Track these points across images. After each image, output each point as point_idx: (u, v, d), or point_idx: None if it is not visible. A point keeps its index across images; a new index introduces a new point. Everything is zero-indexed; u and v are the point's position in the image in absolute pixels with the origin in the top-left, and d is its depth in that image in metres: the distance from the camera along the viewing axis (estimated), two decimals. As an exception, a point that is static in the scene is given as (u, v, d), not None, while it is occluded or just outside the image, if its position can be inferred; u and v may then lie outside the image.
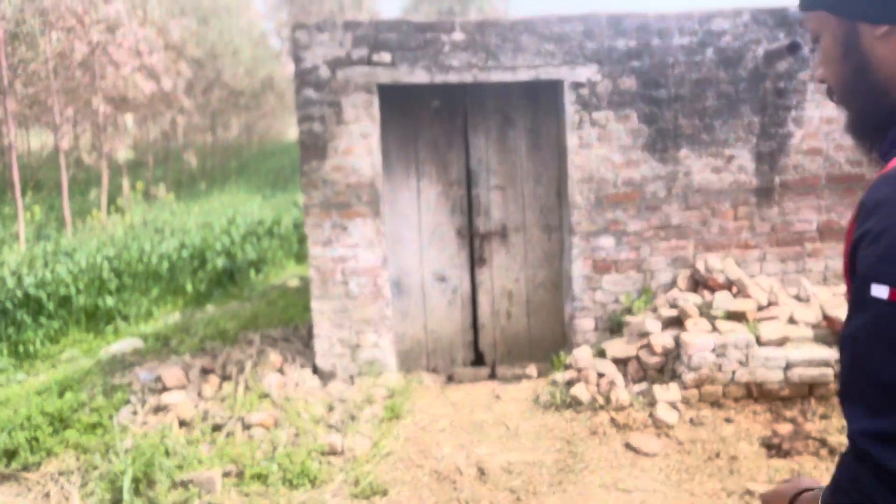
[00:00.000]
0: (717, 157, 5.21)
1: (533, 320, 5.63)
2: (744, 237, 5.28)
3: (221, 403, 4.89)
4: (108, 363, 5.99)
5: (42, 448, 4.50)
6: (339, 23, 4.98)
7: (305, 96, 4.99)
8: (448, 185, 5.53)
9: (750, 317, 4.70)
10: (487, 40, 5.02)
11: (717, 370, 4.50)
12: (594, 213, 5.19)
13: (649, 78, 5.13)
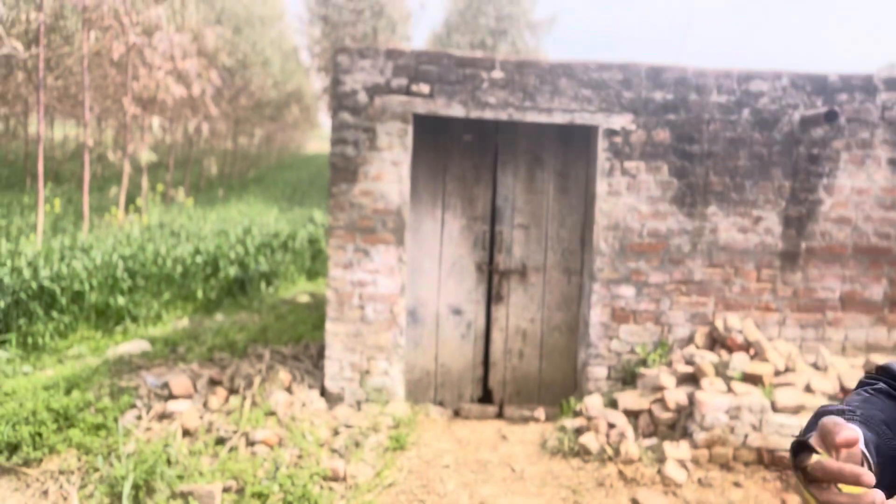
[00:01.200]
0: (744, 217, 5.21)
1: (545, 362, 5.59)
2: (765, 299, 5.25)
3: (227, 417, 4.86)
4: (116, 363, 5.97)
5: (45, 444, 4.47)
6: (381, 50, 5.03)
7: (341, 120, 5.02)
8: (472, 220, 5.54)
9: (766, 381, 4.65)
10: (526, 81, 5.05)
11: (730, 432, 4.45)
12: (617, 261, 5.18)
13: (684, 132, 5.14)
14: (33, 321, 6.79)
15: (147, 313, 7.75)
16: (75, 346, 6.81)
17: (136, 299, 7.77)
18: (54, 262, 7.51)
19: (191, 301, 8.54)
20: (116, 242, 8.86)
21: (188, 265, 8.78)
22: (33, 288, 6.88)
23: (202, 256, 9.13)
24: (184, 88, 12.29)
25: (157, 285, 8.25)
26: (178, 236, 10.12)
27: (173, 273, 8.50)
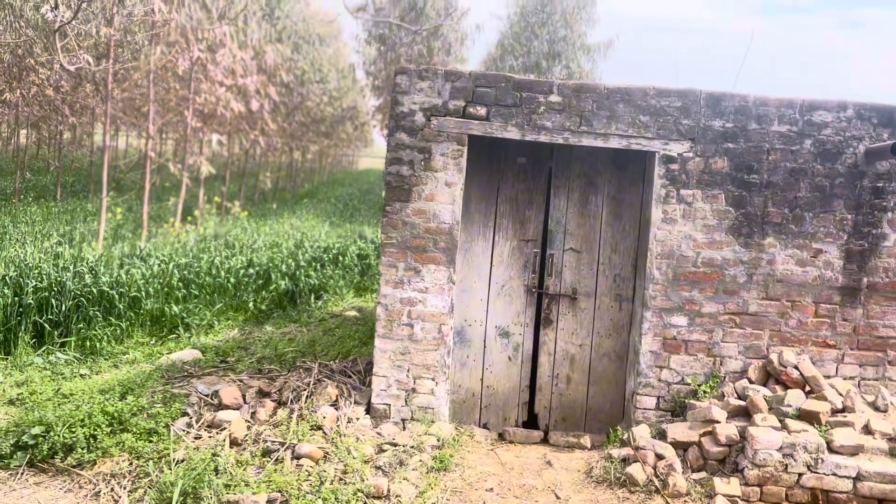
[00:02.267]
0: (803, 250, 5.08)
1: (592, 389, 5.53)
2: (822, 335, 5.10)
3: (274, 429, 4.92)
4: (168, 370, 6.11)
5: (98, 447, 4.59)
6: (439, 72, 5.08)
7: (398, 140, 5.09)
8: (523, 242, 5.53)
9: (822, 419, 4.51)
10: (583, 105, 5.04)
11: (783, 470, 4.32)
12: (670, 289, 5.10)
13: (742, 161, 5.06)
14: (92, 325, 7.01)
15: (199, 322, 7.92)
16: (130, 351, 6.99)
17: (189, 308, 7.96)
18: (114, 268, 7.76)
19: (242, 311, 8.70)
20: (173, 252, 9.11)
21: (241, 276, 8.96)
22: (93, 293, 7.11)
23: (254, 268, 9.31)
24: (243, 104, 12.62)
25: (210, 295, 8.44)
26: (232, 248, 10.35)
27: (226, 283, 8.68)
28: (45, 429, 4.67)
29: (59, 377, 6.11)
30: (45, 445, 4.56)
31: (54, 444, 4.57)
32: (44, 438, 4.61)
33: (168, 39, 10.49)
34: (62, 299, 6.90)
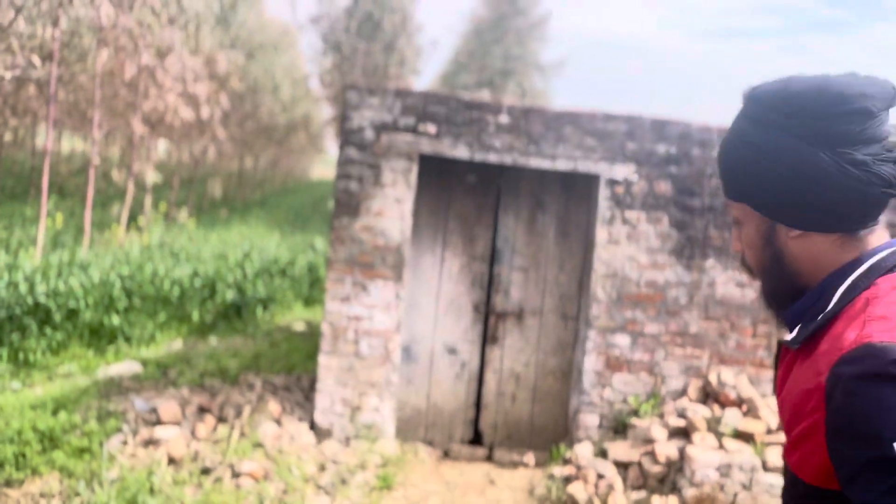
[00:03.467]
0: (742, 273, 5.22)
1: (537, 407, 5.57)
2: (760, 355, 5.24)
3: (214, 446, 4.82)
4: (105, 385, 5.93)
5: (28, 466, 4.43)
6: (390, 89, 5.09)
7: (347, 155, 5.07)
8: (472, 259, 5.55)
9: (758, 439, 4.63)
10: (531, 127, 5.10)
11: (720, 490, 4.41)
12: (614, 309, 5.18)
13: (685, 185, 5.18)
14: (26, 336, 6.77)
15: (141, 334, 7.73)
16: (66, 363, 6.77)
17: (130, 319, 7.75)
18: (51, 277, 7.51)
19: (186, 323, 8.52)
20: (115, 261, 8.87)
21: (185, 287, 8.77)
22: (28, 303, 6.87)
23: (200, 279, 9.13)
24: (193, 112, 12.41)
25: (153, 306, 8.23)
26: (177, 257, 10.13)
27: (170, 294, 8.48)
28: (-29, 446, 4.49)
29: (-11, 391, 5.88)
30: (-29, 463, 4.38)
31: (-20, 462, 4.39)
32: (-31, 456, 4.43)
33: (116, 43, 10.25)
34: (-5, 309, 6.65)
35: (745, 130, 1.25)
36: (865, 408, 1.03)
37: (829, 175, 1.16)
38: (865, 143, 1.16)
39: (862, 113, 1.15)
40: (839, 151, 1.15)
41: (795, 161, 1.18)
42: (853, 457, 1.04)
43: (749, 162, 1.23)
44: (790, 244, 1.25)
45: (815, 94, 1.17)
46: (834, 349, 1.11)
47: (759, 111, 1.23)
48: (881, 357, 1.03)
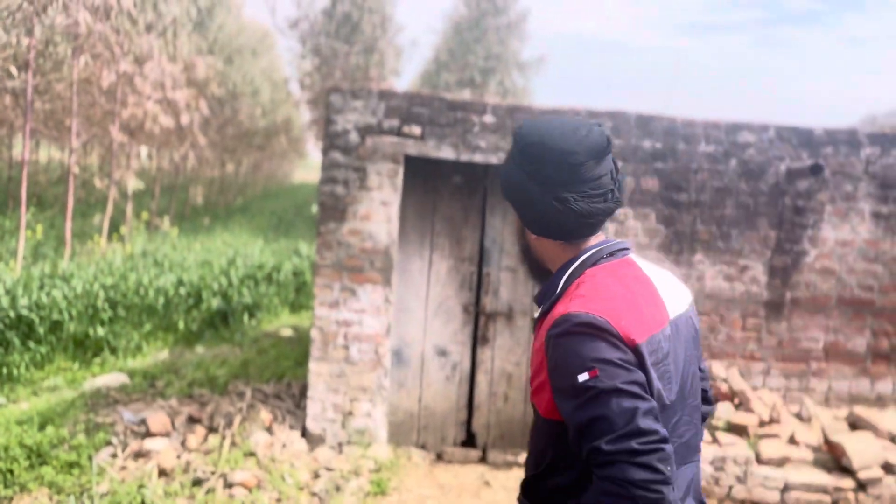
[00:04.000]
0: (730, 266, 5.24)
1: (530, 406, 5.55)
2: (750, 348, 5.26)
3: (205, 457, 4.76)
4: (92, 397, 5.85)
5: (16, 482, 4.36)
6: (374, 91, 5.05)
7: (332, 159, 5.03)
8: (460, 261, 5.53)
9: (751, 432, 4.64)
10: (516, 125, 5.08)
11: (714, 483, 4.42)
12: (604, 306, 5.18)
13: (671, 181, 5.19)
14: (9, 351, 6.66)
15: (127, 344, 7.63)
16: (51, 377, 6.67)
17: (116, 330, 7.65)
18: (33, 290, 7.39)
19: (172, 332, 8.43)
20: (98, 271, 8.75)
21: (170, 296, 8.67)
22: (10, 317, 6.76)
23: (185, 287, 9.03)
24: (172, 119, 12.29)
25: (138, 316, 8.14)
26: (161, 266, 10.02)
27: (155, 304, 8.39)
28: (-43, 465, 4.40)
29: (-27, 407, 5.77)
30: (-43, 483, 4.29)
31: (-34, 481, 4.31)
32: (-45, 475, 4.34)
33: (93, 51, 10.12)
34: (-24, 324, 6.54)
35: (508, 156, 1.68)
36: (561, 355, 1.51)
37: (541, 204, 1.60)
38: (568, 185, 1.57)
39: (569, 164, 1.56)
40: (548, 189, 1.58)
41: (522, 189, 1.63)
42: (560, 388, 1.51)
43: (508, 176, 1.66)
44: (533, 242, 1.73)
45: (540, 146, 1.59)
46: (550, 320, 1.57)
47: (513, 147, 1.66)
48: (570, 321, 1.51)
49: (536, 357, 1.62)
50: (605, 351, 1.48)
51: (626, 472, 1.38)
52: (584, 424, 1.45)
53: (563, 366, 1.50)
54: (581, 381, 1.46)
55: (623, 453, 1.39)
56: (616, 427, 1.41)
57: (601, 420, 1.43)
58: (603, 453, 1.41)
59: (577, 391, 1.46)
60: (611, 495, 1.39)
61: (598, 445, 1.42)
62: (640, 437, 1.40)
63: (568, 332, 1.50)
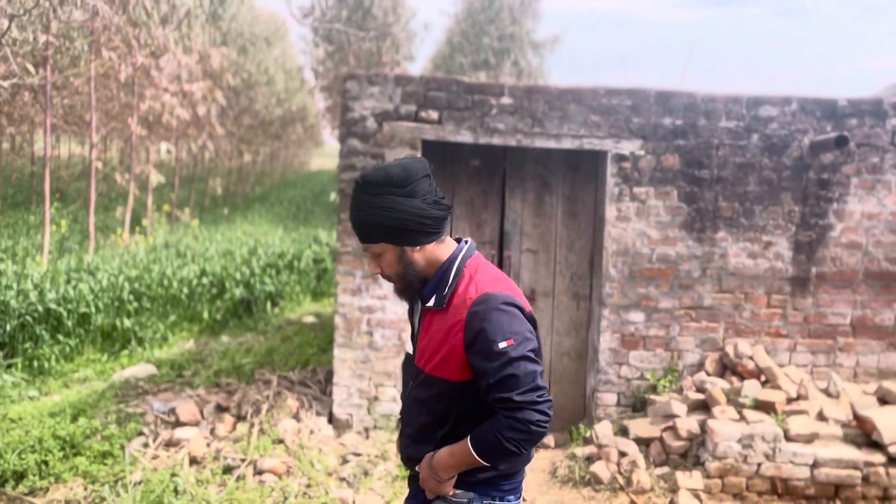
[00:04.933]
0: (754, 243, 5.19)
1: (554, 388, 5.56)
2: (775, 325, 5.22)
3: (234, 444, 4.83)
4: (122, 388, 5.94)
5: (51, 473, 4.44)
6: (390, 77, 5.04)
7: (350, 146, 5.03)
8: (480, 244, 5.52)
9: (779, 409, 4.61)
10: (535, 107, 5.05)
11: (743, 461, 4.40)
12: (626, 286, 5.16)
13: (693, 157, 5.14)
14: (39, 344, 6.77)
15: (153, 335, 7.73)
16: (81, 369, 6.78)
17: (141, 321, 7.75)
18: (60, 284, 7.50)
19: (196, 322, 8.52)
20: (122, 264, 8.85)
21: (194, 286, 8.76)
22: (39, 311, 6.86)
23: (208, 277, 9.12)
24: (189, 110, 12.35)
25: (162, 307, 8.23)
26: (183, 257, 10.11)
27: (179, 294, 8.48)
28: (-6, 457, 4.50)
29: (7, 400, 5.88)
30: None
31: (4, 472, 4.40)
32: (-8, 467, 4.43)
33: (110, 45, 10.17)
34: (7, 319, 6.65)
35: (372, 201, 2.04)
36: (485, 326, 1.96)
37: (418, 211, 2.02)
38: (421, 195, 2.03)
39: (420, 182, 2.03)
40: (413, 199, 2.02)
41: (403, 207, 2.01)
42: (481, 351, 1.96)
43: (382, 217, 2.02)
44: (415, 256, 2.09)
45: (402, 173, 2.02)
46: (466, 300, 2.02)
47: (376, 188, 2.03)
48: (493, 298, 2.00)
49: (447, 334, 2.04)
50: (518, 324, 1.99)
51: (529, 416, 1.92)
52: (499, 380, 1.94)
53: (488, 333, 1.96)
54: (501, 347, 1.94)
55: (528, 403, 1.92)
56: (523, 384, 1.93)
57: (513, 378, 1.93)
58: (513, 402, 1.93)
59: (497, 355, 1.95)
60: (516, 431, 1.93)
61: (510, 396, 1.93)
62: (538, 391, 1.94)
63: (492, 308, 1.98)
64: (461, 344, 2.01)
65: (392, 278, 2.14)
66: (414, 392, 2.16)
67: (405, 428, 2.21)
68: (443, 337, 2.05)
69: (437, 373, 2.07)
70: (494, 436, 1.96)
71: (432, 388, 2.10)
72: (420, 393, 2.14)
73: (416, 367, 2.14)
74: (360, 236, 2.11)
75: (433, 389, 2.10)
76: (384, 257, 2.10)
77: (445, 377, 2.06)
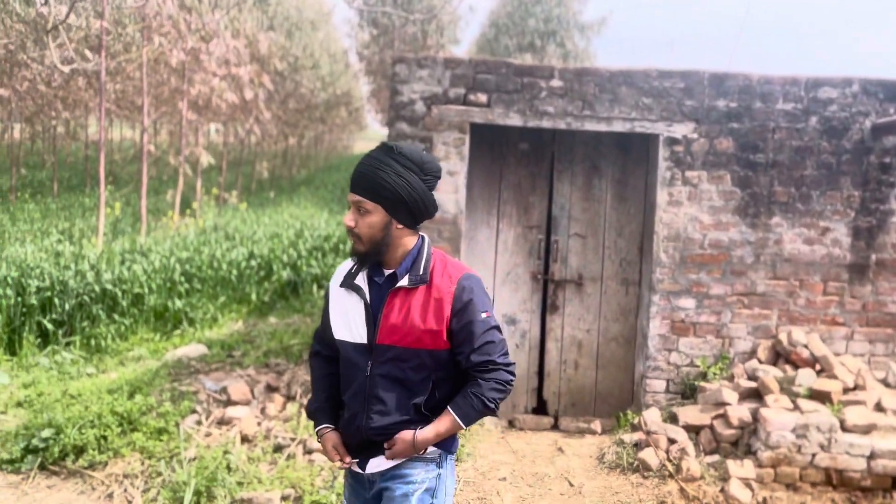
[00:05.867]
0: (810, 228, 5.05)
1: (601, 374, 5.52)
2: (831, 313, 5.09)
3: (284, 424, 4.91)
4: (175, 367, 6.09)
5: (110, 448, 4.58)
6: (439, 59, 5.02)
7: (398, 129, 5.03)
8: (527, 229, 5.49)
9: (834, 398, 4.51)
10: (585, 89, 4.98)
11: (797, 451, 4.32)
12: (677, 272, 5.08)
13: (747, 141, 5.01)
14: (96, 323, 6.97)
15: (203, 316, 7.89)
16: (135, 348, 6.97)
17: (192, 302, 7.92)
18: (115, 265, 7.70)
19: (245, 304, 8.67)
20: (173, 245, 9.05)
21: (242, 268, 8.92)
22: (96, 291, 7.07)
23: (256, 260, 9.27)
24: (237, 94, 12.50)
25: (212, 288, 8.40)
26: (232, 239, 10.29)
27: (228, 276, 8.64)
28: (55, 431, 4.65)
29: (66, 377, 6.09)
30: (56, 448, 4.54)
31: (65, 447, 4.55)
32: (54, 441, 4.59)
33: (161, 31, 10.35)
34: (65, 298, 6.86)
35: (396, 168, 2.21)
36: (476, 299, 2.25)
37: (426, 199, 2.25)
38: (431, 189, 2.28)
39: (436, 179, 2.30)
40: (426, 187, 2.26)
41: (418, 188, 2.23)
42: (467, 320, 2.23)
43: (398, 186, 2.20)
44: (395, 232, 2.26)
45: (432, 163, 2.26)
46: (451, 277, 2.27)
47: (406, 160, 2.23)
48: (475, 278, 2.29)
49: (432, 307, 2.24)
50: (489, 301, 2.32)
51: (504, 376, 2.25)
52: (481, 345, 2.23)
53: (476, 305, 2.25)
54: (483, 317, 2.24)
55: (503, 364, 2.25)
56: (499, 349, 2.25)
57: (492, 343, 2.24)
58: (494, 364, 2.23)
59: (481, 323, 2.23)
60: (496, 391, 2.24)
61: (492, 359, 2.23)
62: (507, 356, 2.28)
63: (475, 285, 2.27)
64: (447, 316, 2.23)
65: (362, 239, 2.25)
66: (380, 369, 2.27)
67: (370, 405, 2.29)
68: (425, 311, 2.24)
69: (417, 345, 2.23)
70: (478, 399, 2.24)
71: (408, 361, 2.25)
72: (390, 369, 2.27)
73: (382, 346, 2.26)
74: (361, 189, 2.22)
75: (410, 362, 2.25)
76: (370, 217, 2.23)
77: (425, 347, 2.24)
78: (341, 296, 2.38)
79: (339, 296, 2.39)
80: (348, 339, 2.34)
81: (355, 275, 2.34)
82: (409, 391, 2.28)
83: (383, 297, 2.29)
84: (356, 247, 2.28)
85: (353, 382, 2.34)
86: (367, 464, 2.37)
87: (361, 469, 2.39)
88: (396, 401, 2.28)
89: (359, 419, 2.32)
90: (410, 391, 2.28)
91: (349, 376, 2.36)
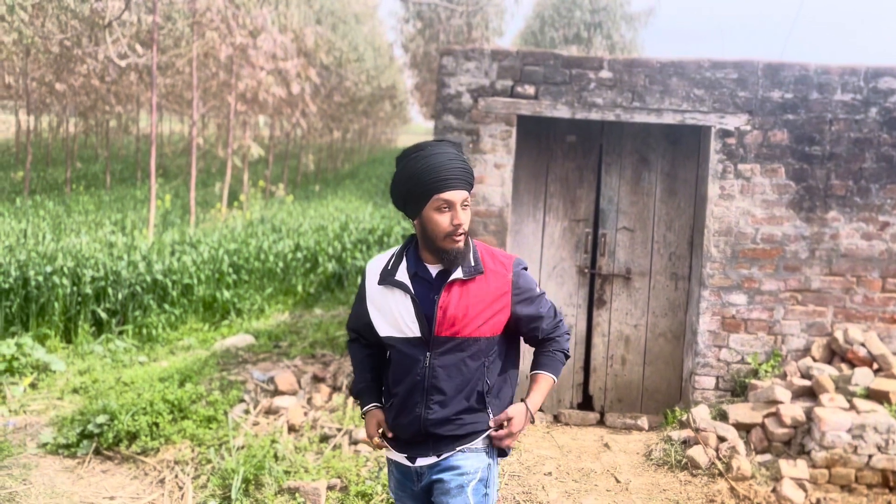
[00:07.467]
0: (869, 223, 4.89)
1: (648, 370, 5.44)
2: (890, 310, 4.92)
3: (331, 414, 4.96)
4: (223, 356, 6.20)
5: (161, 435, 4.69)
6: (486, 52, 4.99)
7: (445, 122, 5.02)
8: (574, 222, 5.43)
9: (893, 399, 4.36)
10: (634, 80, 4.90)
11: (852, 452, 4.19)
12: (728, 267, 4.97)
13: (803, 133, 4.87)
14: (147, 313, 7.14)
15: (250, 307, 8.02)
16: (185, 337, 7.12)
17: (240, 293, 8.06)
18: (165, 256, 7.88)
19: (291, 295, 8.79)
20: (221, 237, 9.21)
21: (289, 260, 9.03)
22: (147, 281, 7.24)
23: (302, 252, 9.37)
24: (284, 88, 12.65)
25: (259, 280, 8.53)
26: (279, 232, 10.43)
27: (275, 268, 8.76)
28: (110, 417, 4.79)
29: (119, 365, 6.25)
30: (110, 433, 4.67)
31: (119, 432, 4.68)
32: (108, 427, 4.72)
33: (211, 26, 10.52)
34: (118, 288, 7.04)
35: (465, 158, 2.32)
36: (532, 280, 2.43)
37: None
38: None
39: None
40: None
41: None
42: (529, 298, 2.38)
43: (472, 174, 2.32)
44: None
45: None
46: (504, 265, 2.36)
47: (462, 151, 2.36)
48: (523, 262, 2.42)
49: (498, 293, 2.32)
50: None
51: (565, 327, 2.51)
52: (545, 312, 2.43)
53: (529, 284, 2.41)
54: (539, 292, 2.43)
55: (561, 319, 2.50)
56: (554, 309, 2.48)
57: (551, 308, 2.47)
58: (561, 322, 2.49)
59: (538, 296, 2.43)
60: (567, 340, 2.50)
61: (559, 319, 2.48)
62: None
63: (525, 267, 2.42)
64: (510, 301, 2.34)
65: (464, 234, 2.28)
66: (439, 360, 2.30)
67: (430, 396, 2.31)
68: (486, 299, 2.31)
69: (478, 333, 2.30)
70: (561, 353, 2.48)
71: (467, 350, 2.31)
72: (449, 359, 2.31)
73: (442, 338, 2.29)
74: (465, 183, 2.26)
75: (468, 351, 2.31)
76: (468, 211, 2.30)
77: (484, 335, 2.31)
78: (381, 294, 2.37)
79: (378, 294, 2.38)
80: (397, 335, 2.35)
81: (393, 271, 2.35)
82: (467, 379, 2.33)
83: (435, 290, 2.31)
84: (458, 246, 2.28)
85: (407, 376, 2.34)
86: (416, 458, 2.39)
87: (411, 462, 2.40)
88: (455, 390, 2.32)
89: (417, 410, 2.33)
90: (468, 379, 2.33)
91: (402, 370, 2.36)
